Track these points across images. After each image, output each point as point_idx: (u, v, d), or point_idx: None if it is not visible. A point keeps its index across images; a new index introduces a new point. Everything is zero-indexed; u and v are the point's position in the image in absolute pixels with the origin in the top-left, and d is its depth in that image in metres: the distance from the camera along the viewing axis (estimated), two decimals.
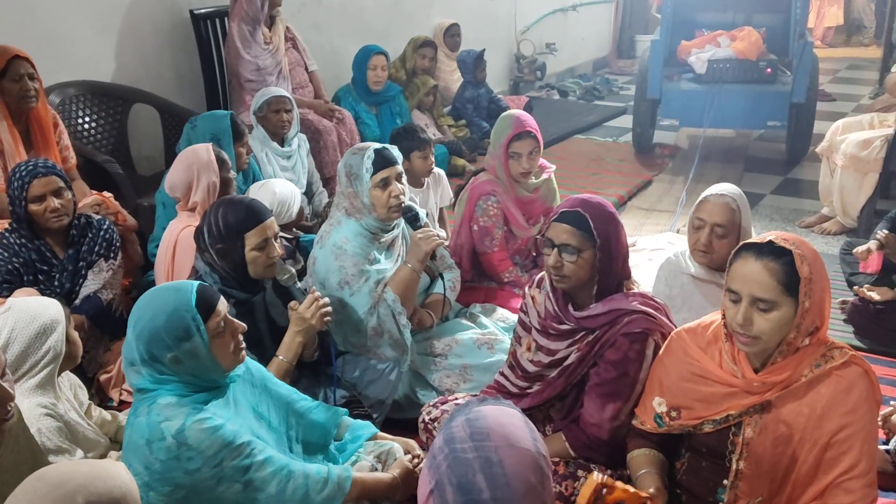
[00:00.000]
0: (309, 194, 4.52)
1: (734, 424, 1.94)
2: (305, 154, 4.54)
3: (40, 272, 3.06)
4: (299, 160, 4.45)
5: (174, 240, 3.00)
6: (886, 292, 3.41)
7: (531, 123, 3.47)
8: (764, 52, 5.95)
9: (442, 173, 4.08)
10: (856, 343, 3.39)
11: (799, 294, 1.79)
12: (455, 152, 5.84)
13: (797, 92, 5.52)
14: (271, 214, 2.59)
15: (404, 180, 2.96)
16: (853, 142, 4.44)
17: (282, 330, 2.60)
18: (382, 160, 2.88)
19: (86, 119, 4.35)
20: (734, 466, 1.94)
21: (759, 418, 1.90)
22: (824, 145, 4.66)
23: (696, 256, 2.76)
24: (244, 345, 2.05)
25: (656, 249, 4.09)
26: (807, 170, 5.86)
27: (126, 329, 1.93)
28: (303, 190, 4.33)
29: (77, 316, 2.86)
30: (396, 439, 2.38)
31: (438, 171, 4.05)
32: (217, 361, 1.95)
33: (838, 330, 3.47)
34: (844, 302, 3.62)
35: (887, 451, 2.56)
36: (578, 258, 2.19)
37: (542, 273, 2.39)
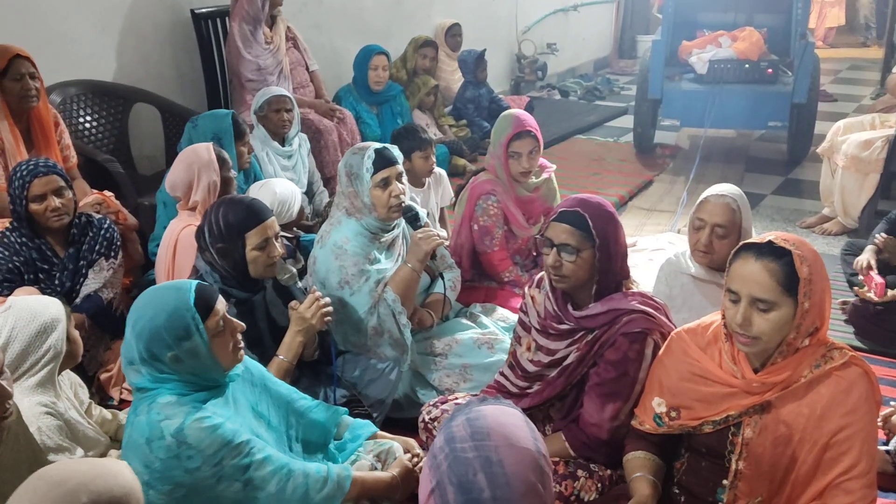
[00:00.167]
0: (310, 194, 4.52)
1: (734, 425, 1.94)
2: (306, 154, 4.54)
3: (41, 271, 3.06)
4: (300, 160, 4.45)
5: (175, 239, 3.01)
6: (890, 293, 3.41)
7: (531, 123, 3.47)
8: (765, 53, 5.96)
9: (443, 173, 4.08)
10: (856, 344, 3.39)
11: (798, 294, 1.79)
12: (456, 152, 5.84)
13: (798, 92, 5.52)
14: (272, 214, 2.59)
15: (405, 180, 2.96)
16: (854, 142, 4.44)
17: (282, 329, 2.60)
18: (383, 160, 2.88)
19: (87, 118, 4.35)
20: (734, 466, 1.94)
21: (759, 418, 1.90)
22: (825, 146, 4.66)
23: (697, 257, 2.76)
24: (243, 344, 2.05)
25: (657, 249, 4.10)
26: (808, 170, 5.87)
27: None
28: (303, 189, 4.33)
29: (77, 315, 2.87)
30: (396, 438, 2.38)
31: (439, 171, 4.05)
32: (217, 360, 1.95)
33: (839, 330, 3.47)
34: (845, 302, 3.62)
35: (887, 452, 2.55)
36: (577, 258, 2.19)
37: (542, 273, 2.39)
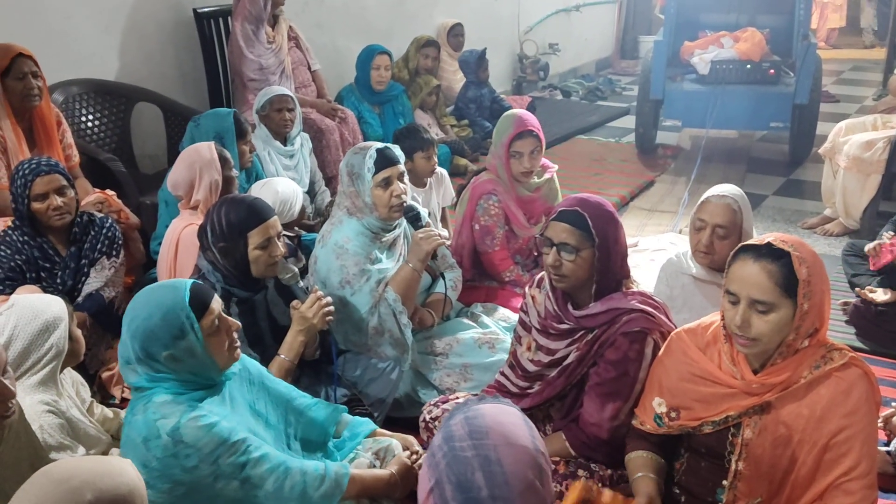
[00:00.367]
0: (311, 193, 4.52)
1: (733, 425, 1.94)
2: (308, 153, 4.54)
3: (43, 269, 3.06)
4: (302, 159, 4.46)
5: (177, 238, 3.01)
6: (889, 293, 3.41)
7: (533, 122, 3.47)
8: (767, 54, 5.95)
9: (444, 173, 4.08)
10: (857, 344, 3.39)
11: (797, 296, 1.79)
12: (457, 152, 5.85)
13: (800, 93, 5.51)
14: (274, 213, 2.58)
15: (406, 180, 2.96)
16: (856, 143, 4.43)
17: (283, 329, 2.60)
18: (384, 160, 2.88)
19: (89, 117, 4.35)
20: (733, 467, 1.94)
21: (759, 419, 1.90)
22: (827, 146, 4.66)
23: (698, 257, 2.76)
24: (239, 343, 2.05)
25: (658, 250, 4.09)
26: (809, 171, 5.86)
27: None
28: (305, 189, 4.34)
29: (79, 313, 2.87)
30: (395, 435, 2.37)
31: (441, 171, 4.05)
32: (213, 359, 1.96)
33: (840, 331, 3.47)
34: (846, 303, 3.62)
35: (888, 453, 2.55)
36: (577, 257, 2.19)
37: (543, 273, 2.40)
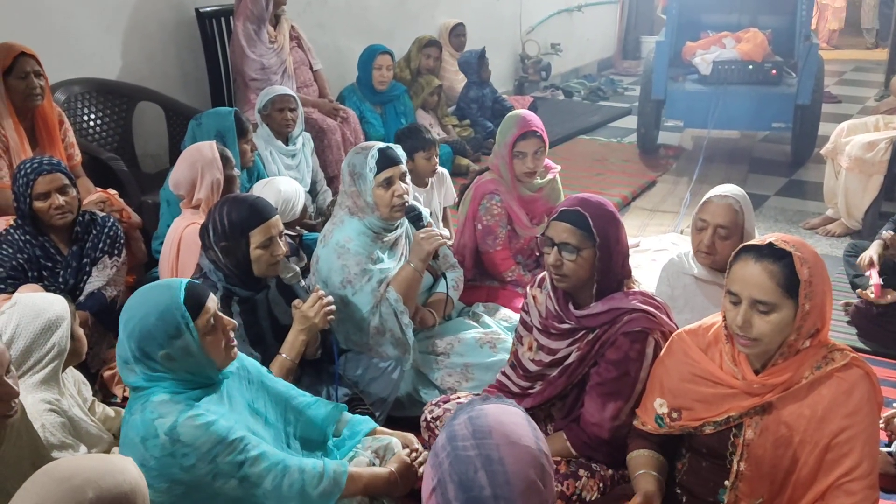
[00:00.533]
0: (313, 193, 4.52)
1: (735, 426, 1.94)
2: (310, 153, 4.54)
3: (44, 268, 3.07)
4: (303, 159, 4.46)
5: (178, 237, 3.01)
6: (891, 294, 3.41)
7: (537, 123, 3.47)
8: (769, 54, 5.95)
9: (446, 173, 4.08)
10: (859, 345, 3.39)
11: (799, 296, 1.79)
12: (459, 152, 5.85)
13: (802, 93, 5.52)
14: (276, 212, 2.58)
15: (408, 180, 2.96)
16: (858, 144, 4.43)
17: (285, 328, 2.60)
18: (386, 159, 2.88)
19: (91, 116, 4.36)
20: (735, 467, 1.94)
21: (760, 420, 1.90)
22: (829, 147, 4.65)
23: (700, 257, 2.76)
24: (236, 341, 2.05)
25: (660, 250, 4.09)
26: (811, 171, 5.86)
27: None
28: (307, 189, 4.34)
29: (81, 312, 2.87)
30: (395, 434, 2.37)
31: (442, 171, 4.05)
32: (209, 358, 1.96)
33: (841, 332, 3.47)
34: (847, 304, 3.62)
35: (889, 454, 2.55)
36: (578, 257, 2.19)
37: (544, 272, 2.40)
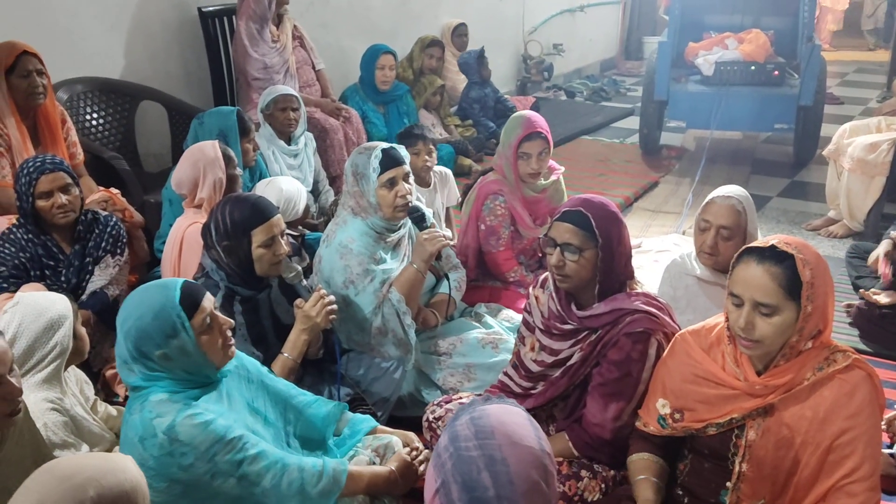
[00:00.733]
0: (315, 193, 4.52)
1: (737, 427, 1.94)
2: (312, 152, 4.54)
3: (47, 267, 3.07)
4: (306, 158, 4.46)
5: (181, 236, 3.01)
6: (893, 295, 3.40)
7: (542, 124, 3.46)
8: (771, 55, 5.95)
9: (449, 173, 4.08)
10: (861, 347, 3.39)
11: (801, 298, 1.79)
12: (461, 152, 5.85)
13: (805, 95, 5.52)
14: (278, 212, 2.58)
15: (411, 180, 2.96)
16: (860, 145, 4.43)
17: (287, 327, 2.60)
18: (390, 160, 2.88)
19: (93, 115, 4.36)
20: (737, 469, 1.94)
21: (762, 421, 1.90)
22: (831, 148, 4.65)
23: (702, 258, 2.76)
24: (233, 340, 2.05)
25: (662, 251, 4.09)
26: (814, 173, 5.86)
27: None
28: (309, 188, 4.34)
29: (83, 311, 2.88)
30: (395, 432, 2.37)
31: (445, 171, 4.05)
32: (206, 357, 1.96)
33: (843, 333, 3.47)
34: (850, 305, 3.61)
35: (891, 455, 2.55)
36: (580, 257, 2.19)
37: (546, 273, 2.40)
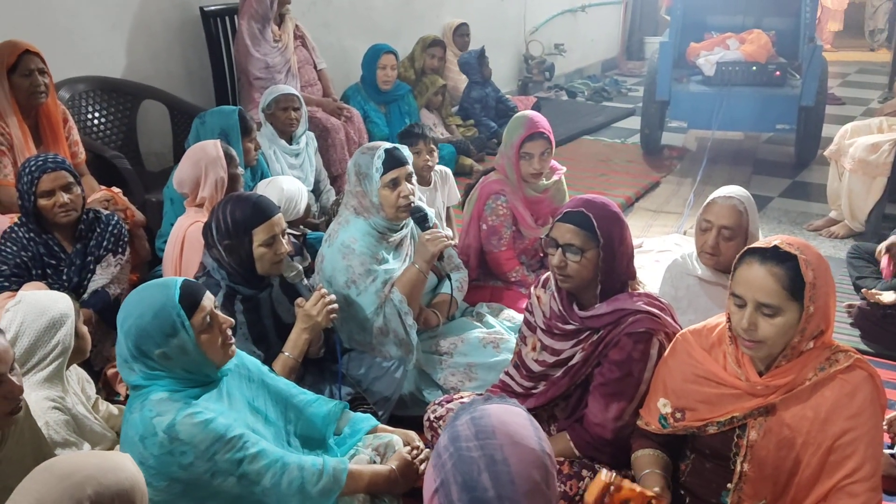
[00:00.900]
0: (316, 192, 4.52)
1: (738, 427, 1.94)
2: (313, 152, 4.54)
3: (48, 266, 3.07)
4: (307, 158, 4.46)
5: (182, 235, 3.01)
6: (894, 296, 3.40)
7: (544, 125, 3.46)
8: (773, 55, 5.95)
9: (449, 172, 4.08)
10: (862, 347, 3.39)
11: (804, 299, 1.79)
12: (463, 152, 5.84)
13: (806, 95, 5.51)
14: (279, 211, 2.59)
15: (414, 181, 2.96)
16: (862, 145, 4.42)
17: (288, 327, 2.60)
18: (393, 160, 2.88)
19: (95, 115, 4.36)
20: (738, 469, 1.94)
21: (764, 421, 1.90)
22: (833, 149, 4.65)
23: (703, 258, 2.76)
24: (233, 339, 2.05)
25: (663, 251, 4.09)
26: (815, 173, 5.85)
27: None
28: (310, 188, 4.34)
29: (85, 310, 2.88)
30: (396, 431, 2.37)
31: (445, 171, 4.05)
32: (206, 356, 1.96)
33: (845, 334, 3.47)
34: (851, 306, 3.61)
35: (892, 456, 2.55)
36: (582, 258, 2.18)
37: (548, 273, 2.40)
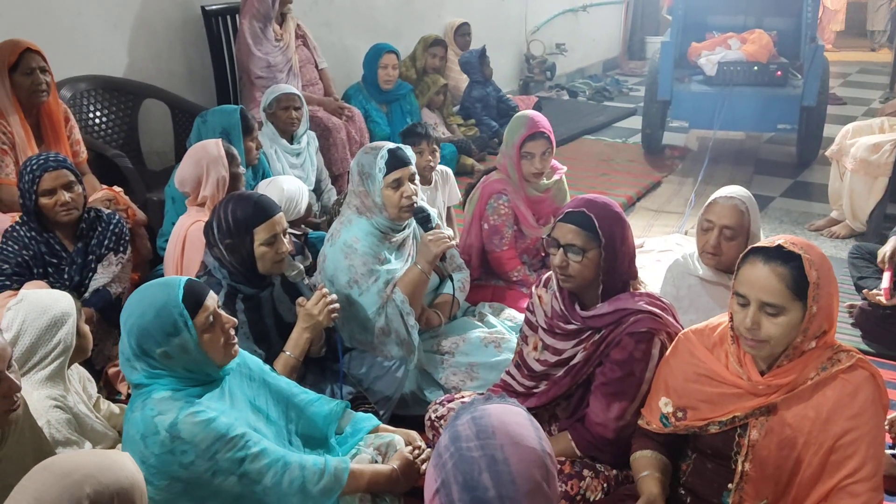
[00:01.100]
0: (317, 191, 4.52)
1: (740, 426, 1.93)
2: (314, 151, 4.54)
3: (49, 265, 3.07)
4: (308, 157, 4.46)
5: (183, 234, 3.01)
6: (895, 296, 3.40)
7: (545, 124, 3.47)
8: (774, 55, 5.94)
9: (449, 172, 4.07)
10: (863, 347, 3.39)
11: (807, 299, 1.79)
12: (464, 151, 5.84)
13: (808, 95, 5.51)
14: (280, 210, 2.59)
15: (417, 181, 2.95)
16: (863, 145, 4.42)
17: (289, 326, 2.60)
18: (396, 160, 2.87)
19: (97, 114, 4.37)
20: (739, 468, 1.94)
21: (765, 420, 1.90)
22: (834, 149, 4.65)
23: (705, 258, 2.76)
24: (236, 339, 2.05)
25: (664, 251, 4.09)
26: (816, 173, 5.85)
27: None
28: (311, 187, 4.34)
29: (86, 309, 2.88)
30: (398, 431, 2.37)
31: (446, 170, 4.05)
32: (208, 356, 1.95)
33: (846, 334, 3.47)
34: (852, 306, 3.61)
35: (893, 456, 2.55)
36: (584, 258, 2.18)
37: (549, 273, 2.40)
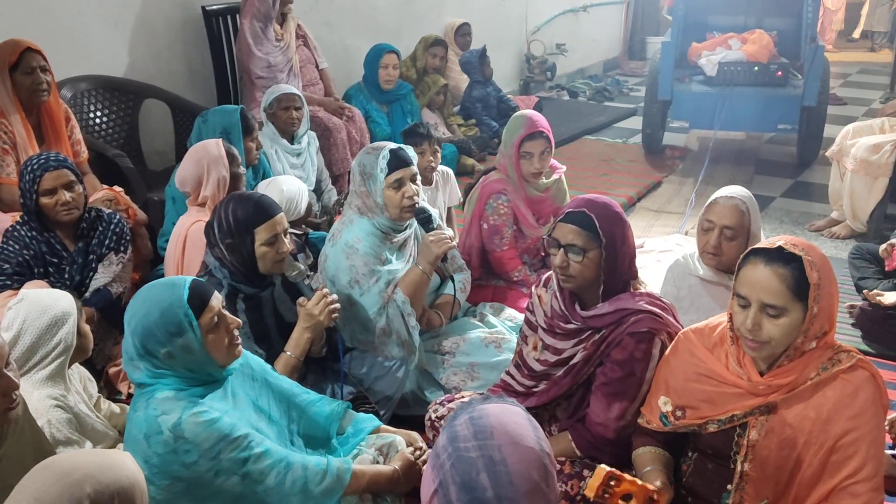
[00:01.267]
0: (318, 191, 4.52)
1: (739, 426, 1.94)
2: (315, 151, 4.54)
3: (50, 265, 3.07)
4: (309, 157, 4.46)
5: (184, 234, 3.02)
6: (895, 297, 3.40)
7: (543, 124, 3.47)
8: (775, 56, 5.94)
9: (450, 172, 4.07)
10: (863, 347, 3.39)
11: (808, 300, 1.79)
12: (464, 151, 5.84)
13: (808, 95, 5.51)
14: (281, 210, 2.59)
15: (419, 181, 2.95)
16: (863, 146, 4.42)
17: (290, 326, 2.60)
18: (397, 161, 2.86)
19: (97, 113, 4.37)
20: (739, 468, 1.94)
21: (765, 420, 1.90)
22: (834, 149, 4.65)
23: (705, 258, 2.76)
24: (240, 340, 2.05)
25: (665, 251, 4.09)
26: (817, 173, 5.85)
27: None
28: (312, 187, 4.34)
29: (87, 309, 2.88)
30: (399, 431, 2.38)
31: (446, 170, 4.04)
32: (211, 356, 1.95)
33: (846, 334, 3.47)
34: (853, 306, 3.61)
35: (893, 456, 2.55)
36: (584, 258, 2.18)
37: (549, 272, 2.40)
